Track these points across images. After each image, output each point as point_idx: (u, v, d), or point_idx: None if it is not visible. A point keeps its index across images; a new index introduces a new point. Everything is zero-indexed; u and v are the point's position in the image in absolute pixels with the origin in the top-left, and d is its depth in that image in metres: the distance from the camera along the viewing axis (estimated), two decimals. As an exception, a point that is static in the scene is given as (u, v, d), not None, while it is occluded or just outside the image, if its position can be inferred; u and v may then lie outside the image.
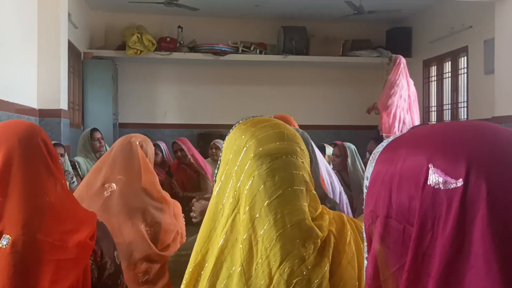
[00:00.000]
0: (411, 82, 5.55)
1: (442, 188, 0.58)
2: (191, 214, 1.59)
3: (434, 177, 0.59)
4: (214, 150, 5.34)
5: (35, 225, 1.16)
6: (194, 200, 1.82)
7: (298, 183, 0.93)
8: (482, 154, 0.58)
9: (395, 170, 0.64)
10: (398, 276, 0.62)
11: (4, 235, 1.13)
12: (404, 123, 5.35)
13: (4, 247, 1.12)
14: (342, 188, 2.99)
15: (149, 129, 8.49)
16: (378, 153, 0.69)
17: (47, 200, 1.19)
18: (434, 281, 0.57)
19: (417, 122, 5.49)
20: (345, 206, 2.92)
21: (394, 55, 5.56)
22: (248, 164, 0.94)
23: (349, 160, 3.67)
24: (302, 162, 0.96)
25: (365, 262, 0.70)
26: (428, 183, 0.59)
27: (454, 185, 0.57)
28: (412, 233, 0.60)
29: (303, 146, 1.00)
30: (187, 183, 4.95)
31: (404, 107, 5.39)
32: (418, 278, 0.59)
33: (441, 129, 0.65)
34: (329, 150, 3.95)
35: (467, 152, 0.58)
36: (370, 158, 0.71)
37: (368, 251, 0.68)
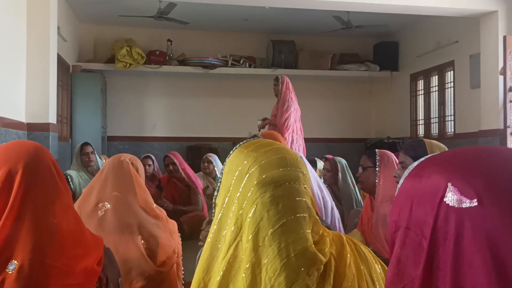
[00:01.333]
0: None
1: (457, 206, 0.61)
2: (199, 243, 1.56)
3: (451, 195, 0.62)
4: (206, 164, 5.35)
5: (44, 249, 1.14)
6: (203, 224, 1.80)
7: (301, 210, 0.93)
8: (499, 178, 0.61)
9: (419, 185, 0.68)
10: (413, 285, 0.65)
11: (11, 260, 1.12)
12: (297, 133, 5.72)
13: (10, 272, 1.11)
14: (334, 203, 3.00)
15: (138, 142, 8.46)
16: (410, 170, 0.74)
17: (55, 223, 1.18)
18: None
19: (301, 134, 5.84)
20: (337, 221, 2.93)
21: (279, 76, 5.86)
22: (251, 191, 0.94)
23: (340, 174, 3.69)
24: (305, 188, 0.97)
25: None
26: (444, 200, 0.63)
27: (468, 204, 0.60)
28: (425, 246, 0.64)
29: (305, 171, 1.00)
30: (178, 197, 4.93)
31: (297, 120, 5.75)
32: None
33: (466, 152, 0.69)
34: (320, 164, 3.97)
35: (485, 175, 0.62)
36: (405, 173, 0.75)
37: (390, 257, 0.72)
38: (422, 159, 0.76)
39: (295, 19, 7.82)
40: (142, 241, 1.96)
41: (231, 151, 1.06)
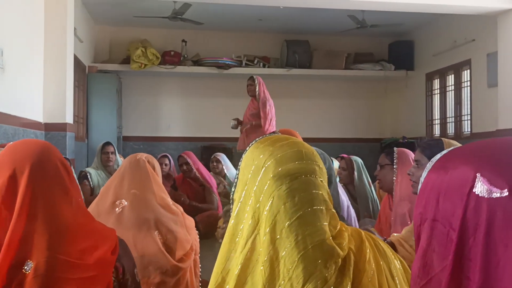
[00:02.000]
0: None
1: (487, 196, 0.61)
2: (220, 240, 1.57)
3: (480, 186, 0.62)
4: (215, 164, 5.38)
5: (57, 246, 1.16)
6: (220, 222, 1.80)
7: (318, 202, 0.93)
8: None
9: (445, 177, 0.67)
10: (441, 277, 0.65)
11: (27, 260, 1.14)
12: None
13: (27, 272, 1.13)
14: (349, 202, 2.99)
15: (152, 142, 8.51)
16: (433, 162, 0.74)
17: (66, 219, 1.20)
18: (477, 285, 0.59)
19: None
20: (353, 220, 2.91)
21: (254, 76, 5.94)
22: (267, 184, 0.94)
23: (355, 173, 3.67)
24: (321, 181, 0.96)
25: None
26: (473, 191, 0.62)
27: (498, 194, 0.60)
28: (454, 237, 0.63)
29: (321, 165, 0.99)
30: (192, 196, 4.94)
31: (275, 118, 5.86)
32: (459, 281, 0.62)
33: (493, 143, 0.69)
34: (336, 163, 3.95)
35: None
36: (427, 165, 0.74)
37: (416, 250, 0.72)
38: (445, 151, 0.75)
39: (310, 19, 7.80)
40: (160, 236, 1.97)
41: (247, 147, 1.06)
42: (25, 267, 1.13)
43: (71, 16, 5.44)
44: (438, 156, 0.76)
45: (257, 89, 5.75)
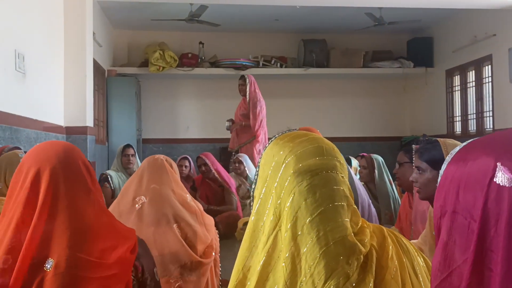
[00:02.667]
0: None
1: (508, 185, 0.59)
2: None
3: (501, 175, 0.61)
4: (237, 164, 5.37)
5: (78, 245, 1.18)
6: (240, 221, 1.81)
7: (339, 198, 0.92)
8: None
9: (465, 169, 0.66)
10: (463, 269, 0.63)
11: (48, 258, 1.16)
12: (266, 132, 5.81)
13: (48, 270, 1.15)
14: (370, 201, 2.95)
15: (171, 144, 8.57)
16: (453, 155, 0.73)
17: (88, 219, 1.22)
18: (500, 276, 0.58)
19: (266, 131, 5.90)
20: (374, 218, 2.88)
21: (245, 75, 5.84)
22: (288, 180, 0.93)
23: (376, 172, 3.64)
24: (342, 177, 0.95)
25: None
26: (494, 180, 0.61)
27: None
28: (475, 228, 0.62)
29: (342, 160, 0.98)
30: (212, 197, 4.96)
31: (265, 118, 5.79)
32: (481, 272, 0.61)
33: None
34: (355, 162, 3.92)
35: None
36: (447, 158, 0.73)
37: (436, 243, 0.71)
38: (465, 143, 0.74)
39: (326, 18, 7.76)
40: (179, 230, 1.99)
41: (267, 144, 1.06)
42: (46, 265, 1.15)
43: (90, 21, 5.52)
44: (457, 148, 0.74)
45: (247, 89, 5.69)
